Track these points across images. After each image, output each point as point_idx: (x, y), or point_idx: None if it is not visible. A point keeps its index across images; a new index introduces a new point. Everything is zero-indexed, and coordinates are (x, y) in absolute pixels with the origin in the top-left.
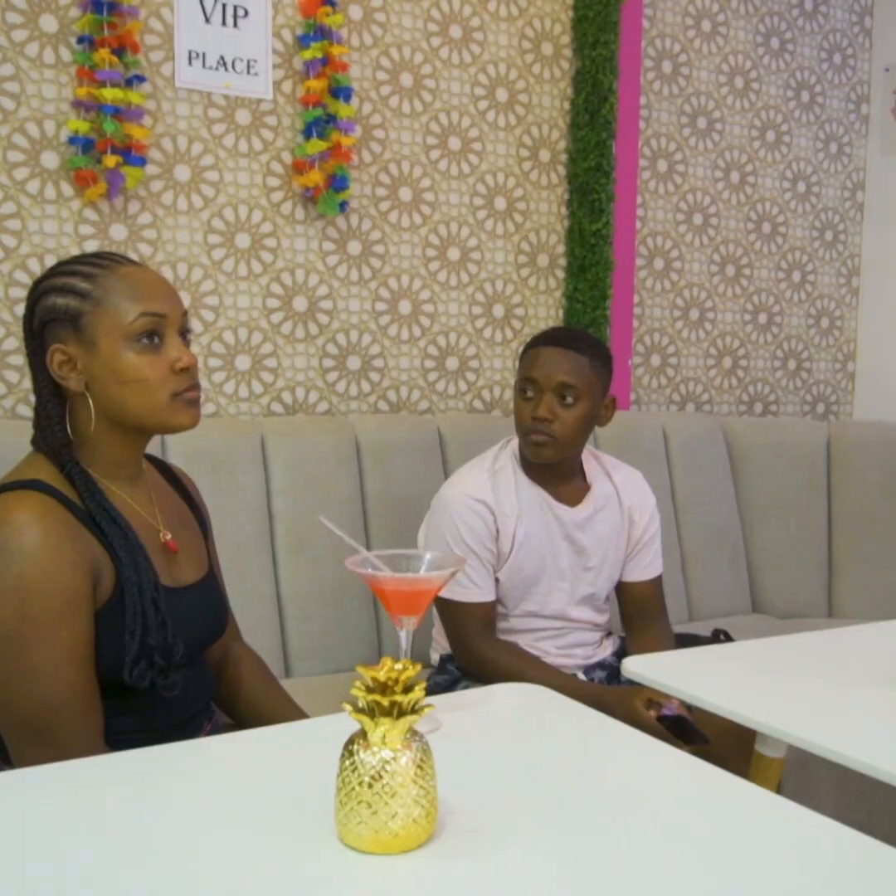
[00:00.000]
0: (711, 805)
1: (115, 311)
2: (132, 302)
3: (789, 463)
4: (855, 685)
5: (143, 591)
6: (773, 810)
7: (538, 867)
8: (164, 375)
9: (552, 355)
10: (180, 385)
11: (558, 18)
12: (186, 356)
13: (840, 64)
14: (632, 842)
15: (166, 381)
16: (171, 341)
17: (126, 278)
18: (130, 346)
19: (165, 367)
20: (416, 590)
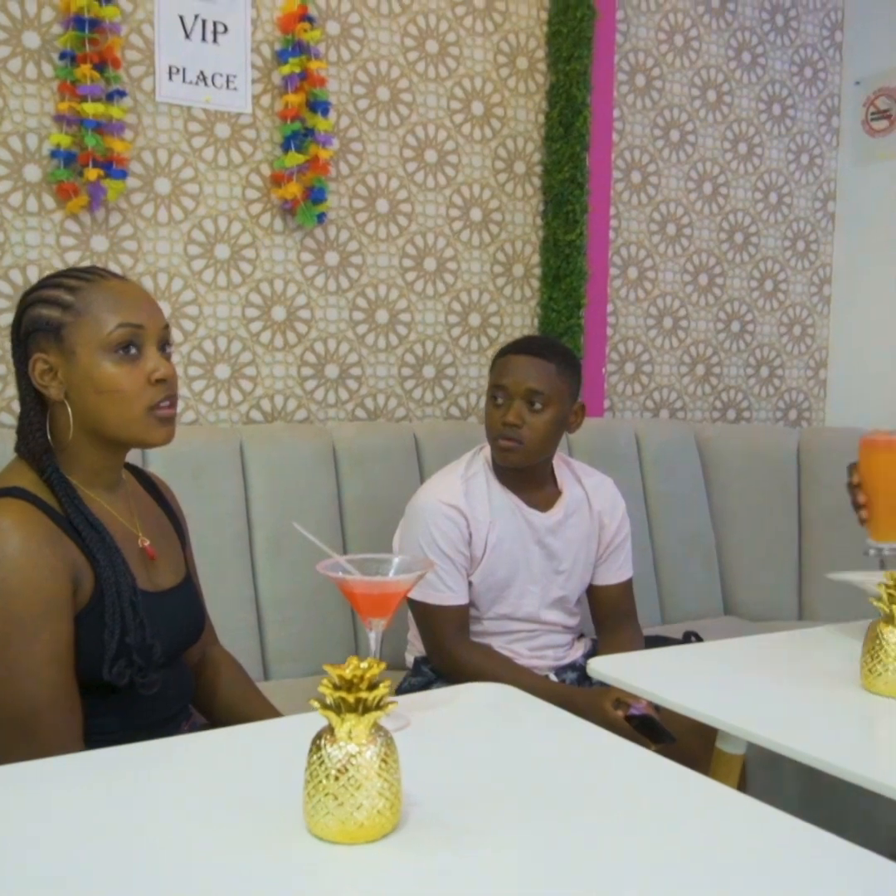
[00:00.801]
0: (671, 800)
1: (94, 322)
2: (111, 313)
3: (760, 468)
4: (815, 685)
5: (122, 593)
6: (731, 806)
7: (497, 857)
8: (141, 386)
9: (521, 363)
10: (156, 396)
11: (533, 34)
12: (164, 367)
13: (811, 77)
14: (591, 835)
15: (142, 393)
16: (149, 353)
17: (107, 291)
18: (108, 356)
19: (142, 378)
20: (384, 592)
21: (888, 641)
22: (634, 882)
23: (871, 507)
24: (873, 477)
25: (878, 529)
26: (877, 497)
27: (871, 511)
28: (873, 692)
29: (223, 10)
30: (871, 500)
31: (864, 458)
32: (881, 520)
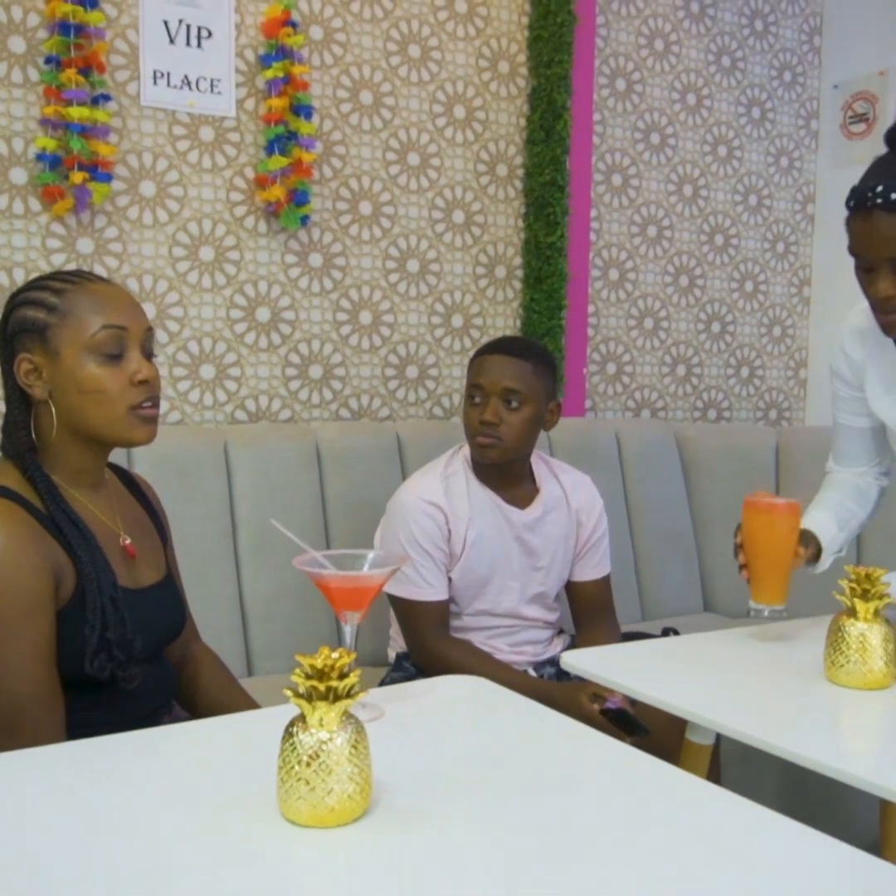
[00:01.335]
0: (639, 789)
1: (79, 324)
2: (95, 315)
3: (739, 467)
4: (782, 677)
5: (103, 590)
6: (697, 793)
7: (465, 841)
8: (123, 387)
9: (497, 362)
10: (138, 397)
11: (514, 38)
12: (146, 369)
13: (790, 81)
14: (558, 820)
15: (125, 393)
16: (132, 355)
17: (92, 293)
18: (92, 357)
19: (125, 379)
20: (358, 586)
21: (850, 634)
22: (600, 865)
23: (751, 569)
24: (754, 539)
25: (759, 592)
26: (757, 559)
27: (752, 573)
28: (836, 683)
29: (207, 16)
30: (752, 562)
31: (746, 520)
32: (761, 582)
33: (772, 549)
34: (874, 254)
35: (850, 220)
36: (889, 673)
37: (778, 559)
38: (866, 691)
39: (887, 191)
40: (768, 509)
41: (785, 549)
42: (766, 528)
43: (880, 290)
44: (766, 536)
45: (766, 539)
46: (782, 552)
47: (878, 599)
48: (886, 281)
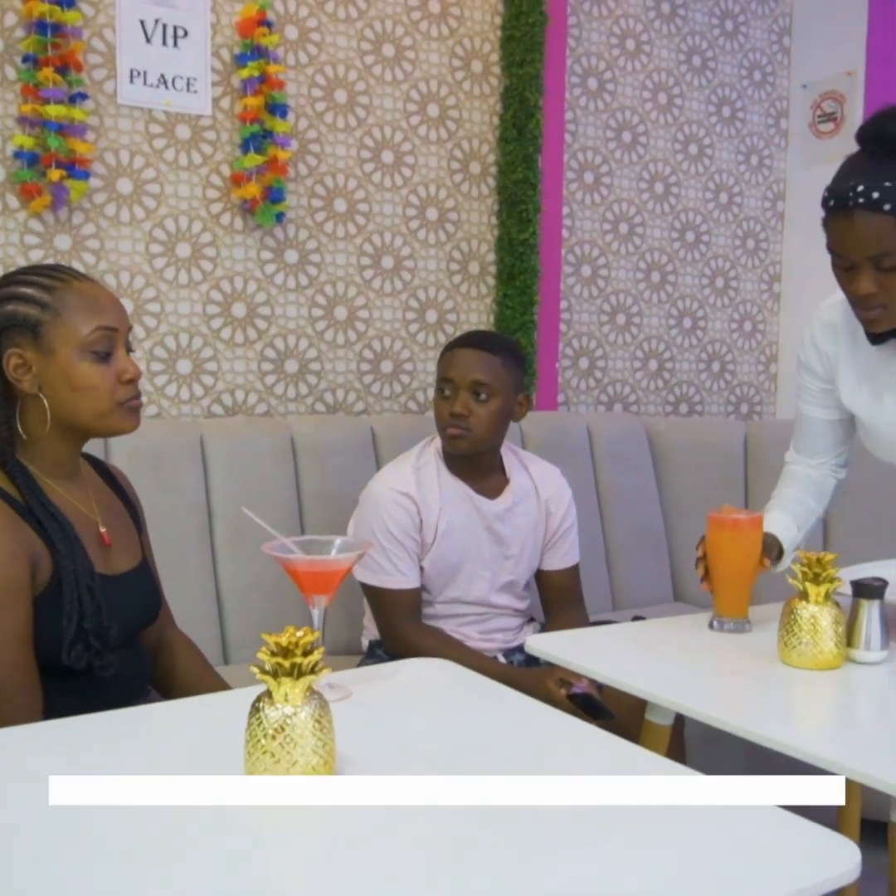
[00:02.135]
0: (599, 763)
1: (73, 324)
2: (89, 316)
3: (709, 460)
4: (738, 659)
5: (80, 579)
6: (655, 768)
7: (423, 815)
8: (112, 385)
9: (466, 356)
10: (126, 394)
11: (487, 38)
12: (133, 368)
13: (760, 81)
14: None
15: (114, 390)
16: (120, 354)
17: (82, 293)
18: (84, 356)
19: (114, 378)
20: (325, 571)
21: (801, 617)
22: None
23: (715, 583)
24: (717, 554)
25: (721, 605)
26: (719, 573)
27: (716, 587)
28: (789, 664)
29: (183, 15)
30: (714, 576)
31: (711, 536)
32: (723, 596)
33: (736, 564)
34: (855, 253)
35: (828, 219)
36: (839, 654)
37: (741, 574)
38: (817, 671)
39: (868, 190)
40: (733, 525)
41: (748, 564)
42: (731, 543)
43: (862, 288)
44: (731, 552)
45: (731, 554)
46: (746, 567)
47: (828, 583)
48: (868, 279)
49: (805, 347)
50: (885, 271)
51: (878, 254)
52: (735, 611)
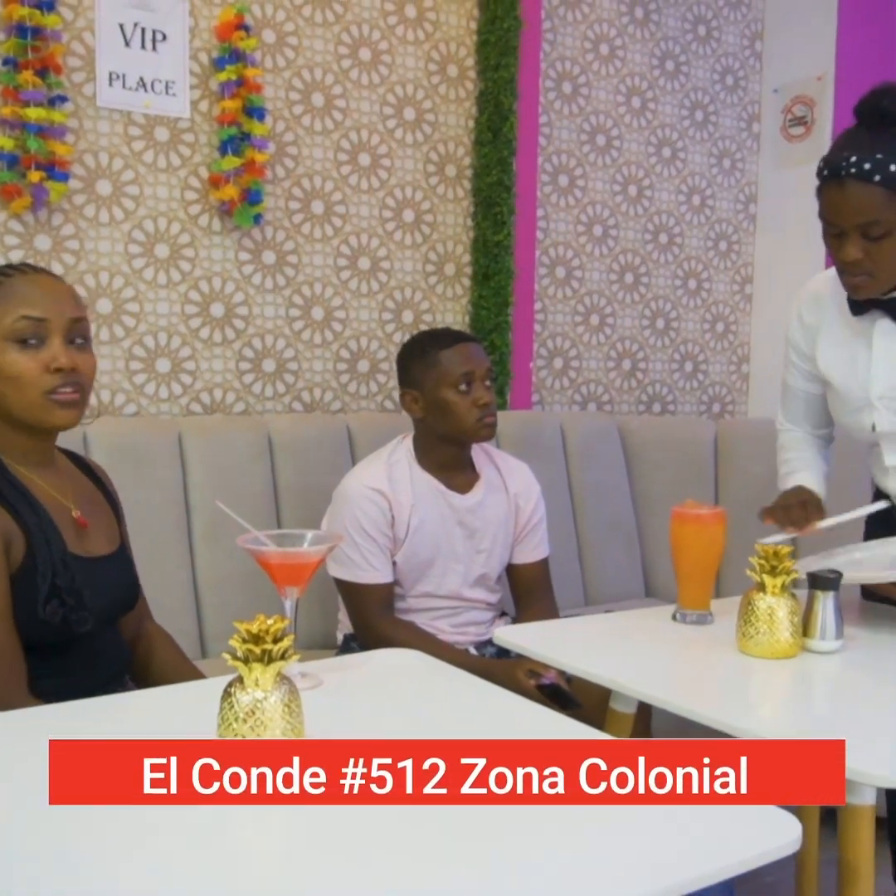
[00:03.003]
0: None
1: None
2: (15, 306)
3: (680, 457)
4: (698, 649)
5: (52, 545)
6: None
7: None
8: (38, 374)
9: (475, 349)
10: (52, 383)
11: (463, 42)
12: (64, 358)
13: (732, 85)
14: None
15: (39, 379)
16: (53, 343)
17: (20, 285)
18: (10, 345)
19: (40, 367)
20: (297, 563)
21: (758, 608)
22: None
23: (678, 576)
24: (680, 547)
25: (684, 597)
26: (682, 566)
27: (679, 580)
28: (746, 653)
29: (162, 19)
30: (678, 569)
31: (674, 530)
32: (686, 588)
33: (698, 557)
34: (845, 220)
35: (821, 188)
36: (795, 643)
37: (703, 566)
38: (774, 660)
39: (860, 161)
40: (695, 520)
41: (710, 557)
42: (693, 537)
43: (849, 254)
44: (693, 545)
45: (693, 548)
46: (707, 560)
47: (784, 575)
48: (855, 246)
49: (791, 324)
50: (872, 240)
51: (866, 222)
52: (697, 603)
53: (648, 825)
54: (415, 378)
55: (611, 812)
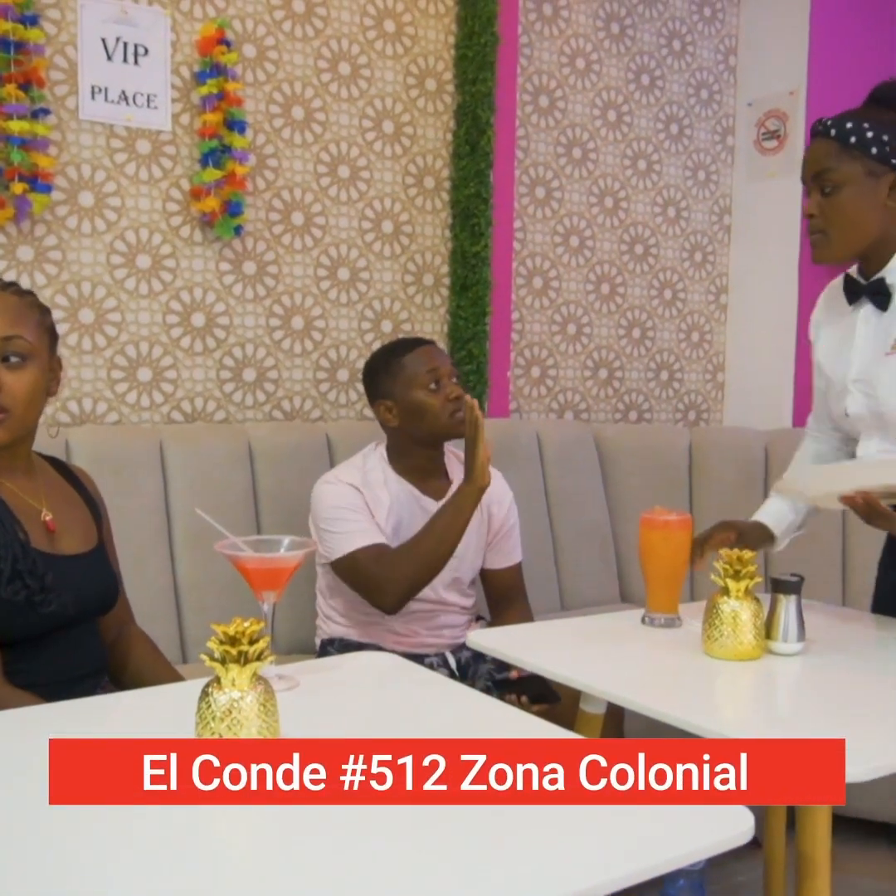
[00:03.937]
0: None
1: None
2: None
3: (654, 464)
4: (666, 652)
5: (8, 534)
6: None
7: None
8: None
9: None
10: None
11: (441, 57)
12: None
13: (707, 99)
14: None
15: None
16: None
17: None
18: None
19: None
20: (273, 567)
21: (723, 611)
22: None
23: (647, 581)
24: (648, 553)
25: (652, 601)
26: (651, 571)
27: (648, 584)
28: (711, 656)
29: (144, 34)
30: (647, 574)
31: (643, 535)
32: (654, 592)
33: (665, 562)
34: (806, 173)
35: None
36: (758, 645)
37: (671, 571)
38: (738, 662)
39: (829, 121)
40: (662, 526)
41: (677, 562)
42: (661, 542)
43: (809, 208)
44: (661, 551)
45: (661, 553)
46: (675, 565)
47: (748, 579)
48: (813, 201)
49: (811, 325)
50: (826, 195)
51: (818, 171)
52: (666, 607)
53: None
54: (384, 389)
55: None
